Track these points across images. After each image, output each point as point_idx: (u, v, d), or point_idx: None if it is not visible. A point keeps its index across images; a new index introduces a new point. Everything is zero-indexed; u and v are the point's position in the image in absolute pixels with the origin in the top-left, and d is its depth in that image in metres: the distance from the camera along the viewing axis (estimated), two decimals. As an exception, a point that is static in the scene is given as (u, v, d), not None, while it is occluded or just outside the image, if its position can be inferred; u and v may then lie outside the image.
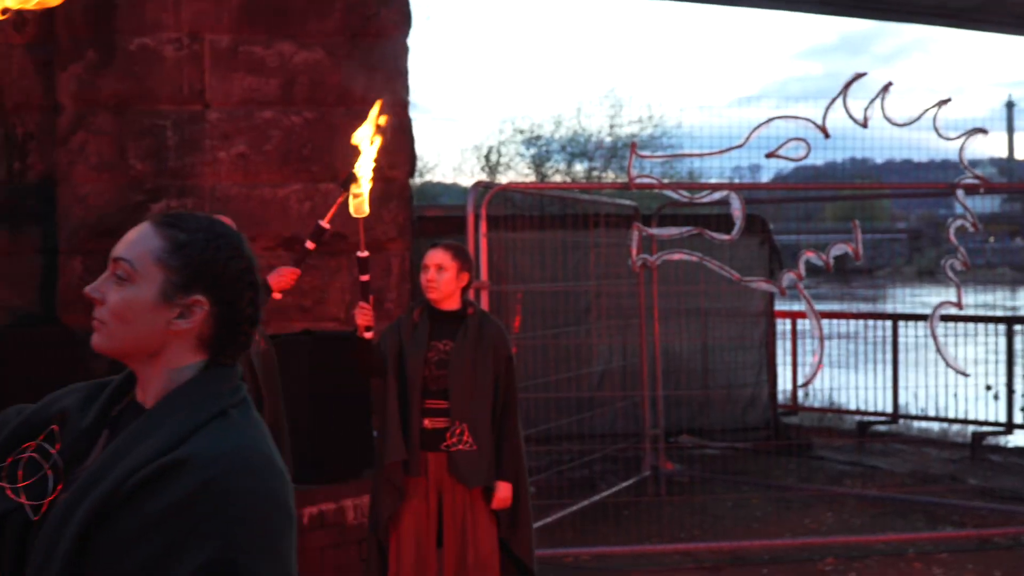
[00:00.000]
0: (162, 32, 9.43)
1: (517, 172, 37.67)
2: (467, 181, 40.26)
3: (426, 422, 6.28)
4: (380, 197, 9.21)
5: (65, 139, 9.48)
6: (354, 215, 6.04)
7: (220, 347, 2.54)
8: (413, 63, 9.98)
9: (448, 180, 43.32)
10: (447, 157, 74.63)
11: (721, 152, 9.44)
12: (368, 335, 6.16)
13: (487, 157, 38.15)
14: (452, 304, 6.41)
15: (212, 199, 9.43)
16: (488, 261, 9.00)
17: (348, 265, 9.44)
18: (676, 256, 9.47)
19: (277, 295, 6.16)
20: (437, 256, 6.37)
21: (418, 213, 10.96)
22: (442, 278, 6.34)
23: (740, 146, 9.32)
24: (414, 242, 10.10)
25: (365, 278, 6.16)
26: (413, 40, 10.04)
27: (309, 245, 6.11)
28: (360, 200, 5.99)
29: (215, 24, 9.49)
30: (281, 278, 6.11)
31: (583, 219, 11.19)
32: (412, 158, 9.99)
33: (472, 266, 6.54)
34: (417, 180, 17.24)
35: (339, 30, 9.67)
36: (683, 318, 12.52)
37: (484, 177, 35.97)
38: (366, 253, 6.16)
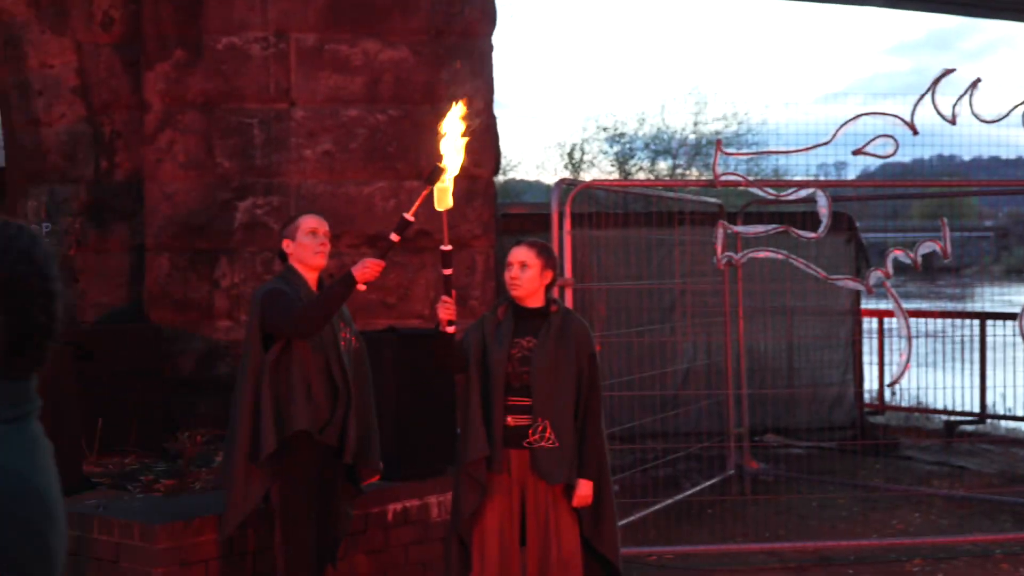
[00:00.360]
0: (249, 31, 9.50)
1: (600, 170, 37.58)
2: (550, 179, 40.19)
3: (509, 419, 6.27)
4: (464, 195, 9.23)
5: (153, 137, 9.57)
6: (437, 208, 6.05)
7: (9, 359, 2.32)
8: (497, 60, 9.99)
9: (531, 178, 43.27)
10: (530, 154, 74.64)
11: (807, 149, 9.36)
12: (450, 330, 6.15)
13: (570, 155, 38.08)
14: (536, 302, 6.40)
15: (298, 197, 9.49)
16: (572, 259, 8.98)
17: (432, 262, 9.47)
18: (762, 254, 9.42)
19: (362, 287, 6.17)
20: (521, 253, 6.36)
21: (502, 211, 10.96)
22: (526, 275, 6.33)
23: (827, 143, 9.24)
24: (498, 240, 10.11)
25: (448, 272, 6.16)
26: (498, 37, 10.06)
27: (393, 238, 6.11)
28: (444, 193, 6.00)
29: (301, 23, 9.54)
30: (365, 270, 6.12)
31: (667, 216, 11.14)
32: (496, 156, 10.00)
33: (556, 264, 6.53)
34: (500, 178, 17.25)
35: (424, 28, 9.70)
36: (768, 316, 12.43)
37: (567, 175, 35.91)
38: (449, 247, 6.15)
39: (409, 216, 6.08)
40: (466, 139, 6.09)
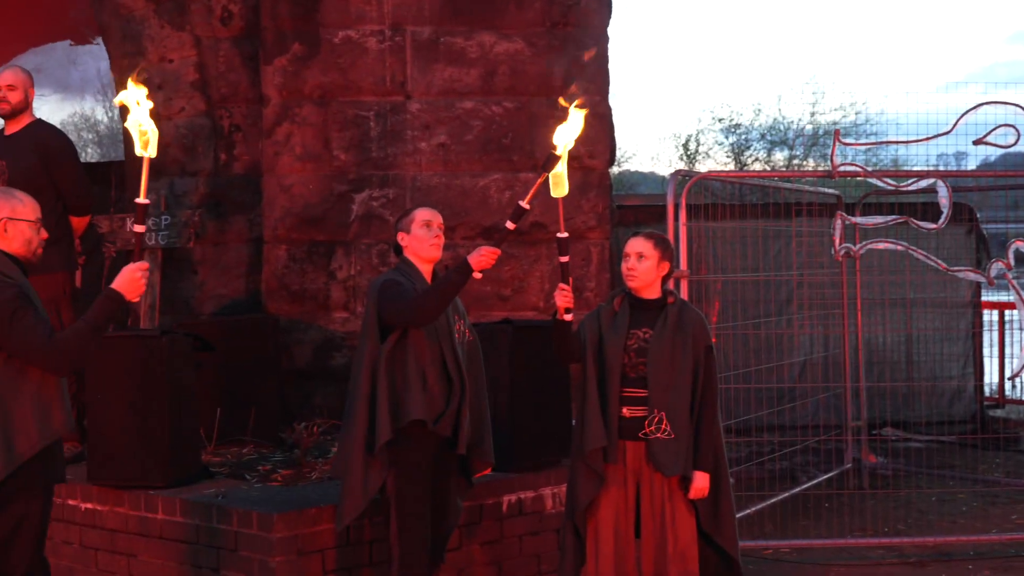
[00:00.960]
0: (365, 24, 9.56)
1: (715, 161, 37.43)
2: (664, 170, 40.11)
3: (625, 410, 6.26)
4: (579, 186, 9.22)
5: (271, 130, 9.66)
6: (554, 195, 6.04)
7: None
8: (612, 51, 9.96)
9: (645, 169, 43.17)
10: (645, 146, 74.32)
11: (928, 139, 9.24)
12: (568, 317, 6.14)
13: (685, 146, 37.97)
14: (652, 293, 6.38)
15: (413, 189, 9.53)
16: (688, 250, 8.93)
17: (548, 254, 9.47)
18: (881, 245, 9.32)
19: (477, 275, 6.17)
20: (638, 244, 6.35)
21: (616, 202, 10.93)
22: (642, 266, 6.31)
23: (947, 132, 9.12)
24: (613, 232, 10.08)
25: (565, 259, 6.14)
26: (612, 28, 10.02)
27: (509, 225, 6.10)
28: (560, 180, 5.98)
29: (417, 16, 9.58)
30: (481, 258, 6.11)
31: (784, 208, 11.05)
32: (611, 147, 9.97)
33: (672, 255, 6.51)
34: (615, 169, 17.17)
35: (539, 20, 9.69)
36: (887, 308, 12.28)
37: (682, 166, 35.79)
38: (566, 234, 6.14)
39: (525, 204, 6.07)
40: (581, 123, 6.06)
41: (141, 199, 5.20)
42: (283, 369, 9.39)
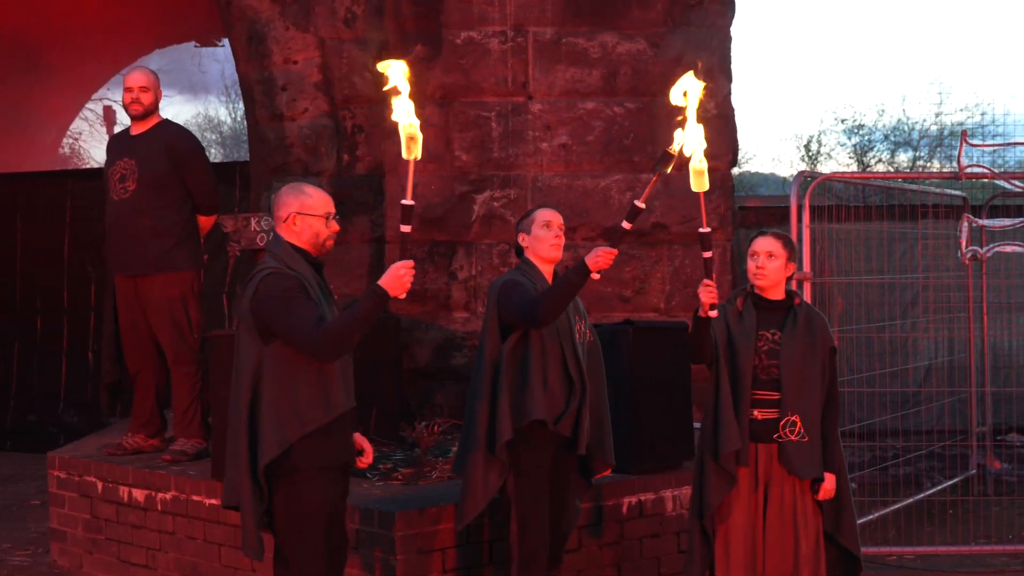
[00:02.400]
0: (488, 26, 9.59)
1: (838, 162, 37.01)
2: (785, 171, 39.77)
3: (756, 413, 6.22)
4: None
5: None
6: (694, 190, 5.97)
7: None
8: (736, 51, 9.90)
9: (766, 170, 42.84)
10: (766, 147, 73.72)
11: (1057, 140, 9.10)
12: (713, 314, 6.07)
13: (807, 147, 37.61)
14: (777, 294, 6.33)
15: (534, 190, 9.55)
16: (811, 252, 8.86)
17: (668, 255, 9.44)
18: (1008, 248, 9.17)
19: (595, 275, 6.15)
20: (768, 243, 6.30)
21: (738, 203, 10.87)
22: (772, 265, 6.27)
23: (1077, 133, 8.97)
24: (735, 233, 10.02)
25: (708, 254, 6.05)
26: (736, 28, 9.97)
27: (625, 225, 6.07)
28: (700, 175, 5.91)
29: (539, 17, 9.60)
30: (598, 259, 6.09)
31: (910, 209, 10.91)
32: (734, 147, 9.91)
33: (797, 256, 6.46)
34: (735, 170, 17.09)
35: (661, 20, 9.66)
36: (1013, 312, 12.09)
37: (803, 167, 35.48)
38: (708, 229, 6.07)
39: (640, 203, 6.03)
40: (700, 119, 5.99)
41: (407, 201, 5.30)
42: (404, 368, 9.44)
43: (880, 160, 36.11)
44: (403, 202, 5.32)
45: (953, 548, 9.18)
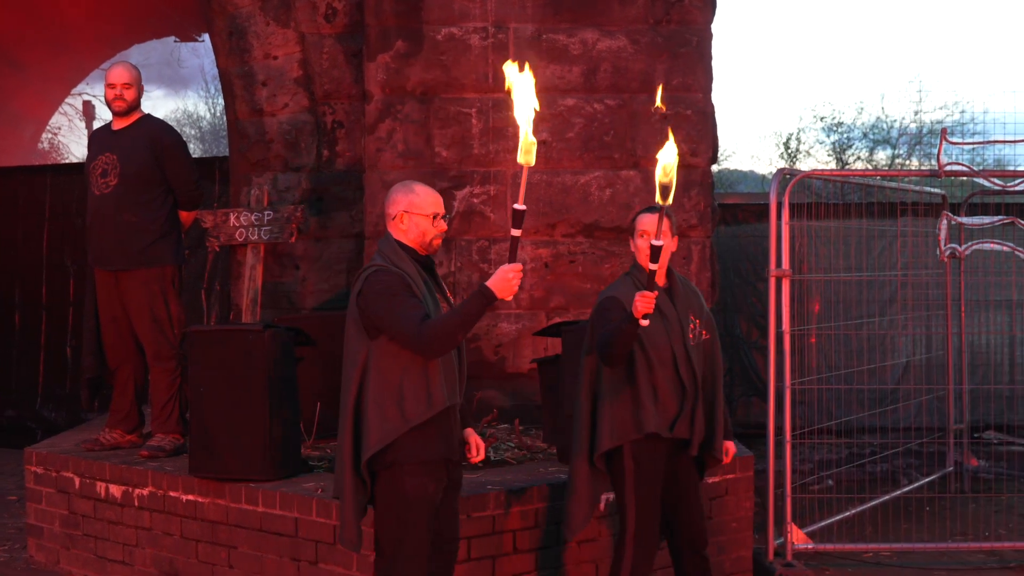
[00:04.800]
0: (469, 22, 9.58)
1: (817, 159, 37.16)
2: (764, 168, 39.88)
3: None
4: (682, 184, 9.18)
5: (373, 127, 9.71)
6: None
7: None
8: (716, 48, 9.90)
9: (744, 167, 42.91)
10: (744, 144, 73.82)
11: (1034, 139, 9.13)
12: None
13: (786, 144, 37.72)
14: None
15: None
16: (790, 249, 8.87)
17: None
18: (987, 246, 9.20)
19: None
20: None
21: (717, 200, 10.89)
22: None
23: (1056, 132, 9.00)
24: (715, 230, 10.03)
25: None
26: (716, 25, 9.97)
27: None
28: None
29: (520, 13, 9.59)
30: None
31: (888, 207, 10.93)
32: (714, 145, 9.92)
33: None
34: (715, 167, 17.12)
35: (642, 17, 9.67)
36: (991, 310, 12.13)
37: (782, 164, 35.56)
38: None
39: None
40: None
41: (519, 205, 5.28)
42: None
43: (859, 158, 36.23)
44: (515, 206, 5.30)
45: (930, 545, 9.21)
